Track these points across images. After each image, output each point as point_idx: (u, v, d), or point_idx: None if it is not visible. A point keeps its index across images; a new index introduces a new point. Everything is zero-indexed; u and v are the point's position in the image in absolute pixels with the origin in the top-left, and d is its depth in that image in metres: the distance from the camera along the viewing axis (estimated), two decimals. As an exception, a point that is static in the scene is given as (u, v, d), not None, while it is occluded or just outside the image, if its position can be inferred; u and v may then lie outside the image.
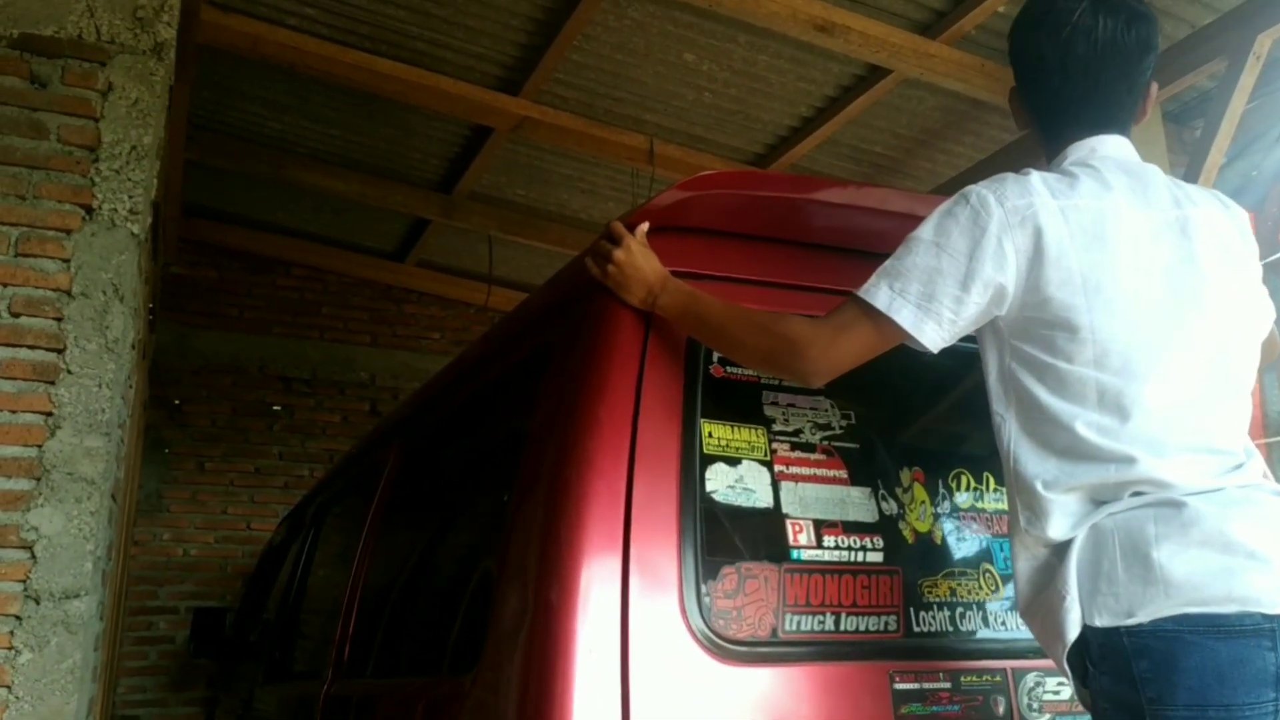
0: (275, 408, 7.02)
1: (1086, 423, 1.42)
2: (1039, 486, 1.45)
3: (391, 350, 7.39)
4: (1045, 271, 1.44)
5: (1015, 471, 1.50)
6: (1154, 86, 1.63)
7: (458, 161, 5.48)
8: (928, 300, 1.47)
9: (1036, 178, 1.51)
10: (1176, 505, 1.35)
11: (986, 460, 2.00)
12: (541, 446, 1.75)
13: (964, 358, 2.09)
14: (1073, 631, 1.37)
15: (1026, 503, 1.48)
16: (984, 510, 1.93)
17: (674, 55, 4.24)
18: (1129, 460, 1.39)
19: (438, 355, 7.38)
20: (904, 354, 2.05)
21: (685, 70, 4.35)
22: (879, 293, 1.50)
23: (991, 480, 1.96)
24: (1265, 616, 1.28)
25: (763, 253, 1.93)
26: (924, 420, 2.07)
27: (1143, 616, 1.30)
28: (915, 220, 1.58)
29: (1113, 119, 1.59)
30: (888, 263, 1.53)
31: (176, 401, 6.73)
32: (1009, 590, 1.86)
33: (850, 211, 1.92)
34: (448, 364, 2.79)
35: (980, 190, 1.50)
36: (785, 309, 1.71)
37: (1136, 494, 1.39)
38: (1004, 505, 1.95)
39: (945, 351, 2.02)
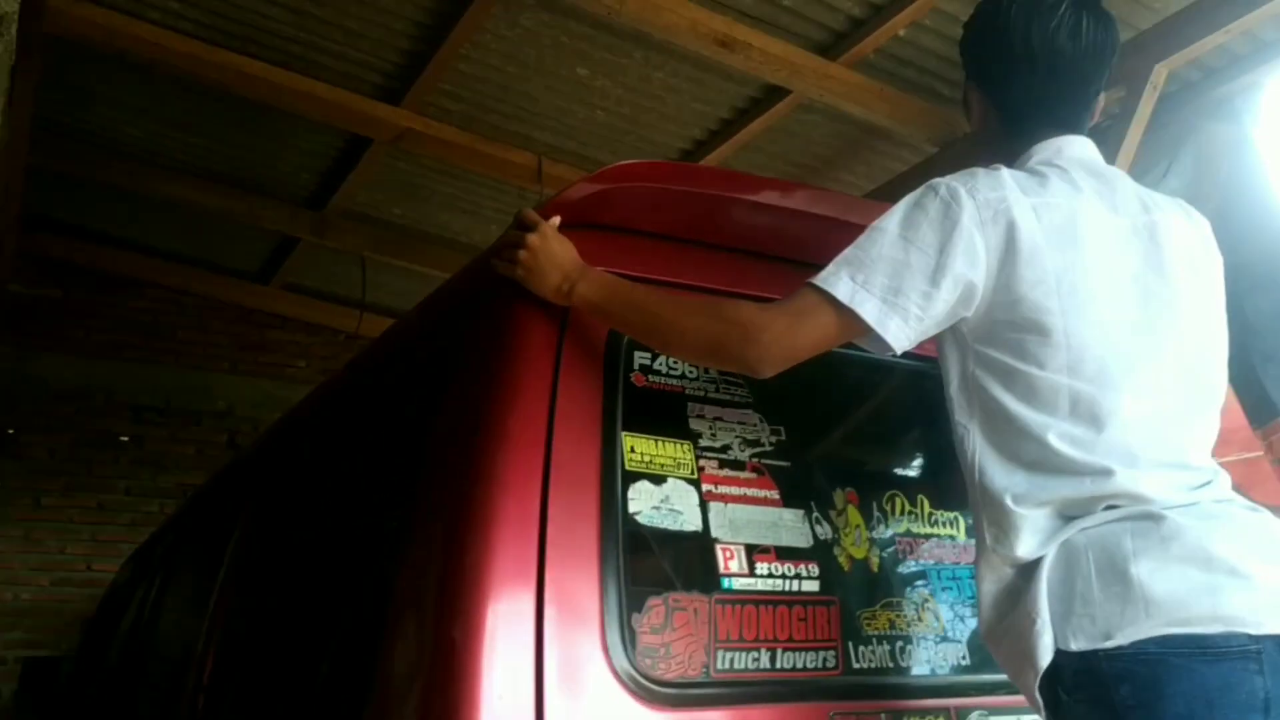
0: (123, 438, 6.54)
1: (1059, 434, 1.34)
2: (1008, 501, 1.35)
3: (252, 378, 6.98)
4: (1018, 270, 1.35)
5: (981, 486, 1.39)
6: (1102, 96, 1.60)
7: (331, 176, 5.19)
8: (894, 295, 1.35)
9: (1007, 173, 1.43)
10: (1154, 519, 1.27)
11: (922, 482, 1.88)
12: (441, 464, 1.54)
13: (894, 372, 1.96)
14: (1045, 657, 1.26)
15: (994, 519, 1.37)
16: (921, 535, 1.80)
17: (566, 69, 4.08)
18: (1105, 472, 1.31)
19: (302, 384, 6.98)
20: (831, 367, 1.91)
21: (578, 85, 4.19)
22: (839, 283, 1.37)
23: (926, 504, 1.84)
24: (1251, 637, 1.21)
25: (688, 255, 1.76)
26: (857, 439, 1.93)
27: (1122, 638, 1.21)
28: (859, 229, 1.44)
29: (1078, 121, 1.55)
30: (848, 251, 1.40)
31: (10, 430, 6.19)
32: (949, 622, 1.74)
33: (787, 214, 1.77)
34: (322, 382, 2.53)
35: (950, 183, 1.40)
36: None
37: (1110, 507, 1.31)
38: (942, 530, 1.83)
39: (877, 366, 1.89)
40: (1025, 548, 1.32)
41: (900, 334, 1.35)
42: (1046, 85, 1.51)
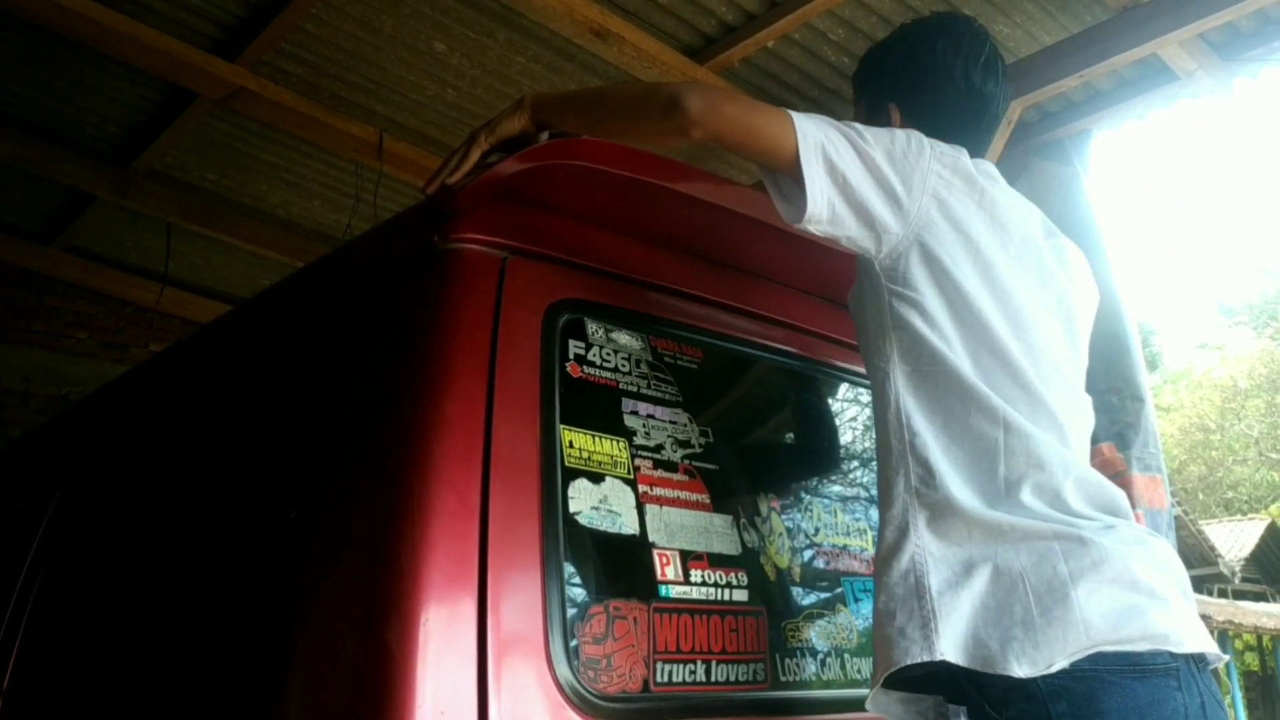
0: None
1: (977, 371, 1.37)
2: (936, 449, 1.36)
3: (24, 347, 6.28)
4: (952, 226, 1.40)
5: (911, 429, 1.38)
6: None
7: (141, 131, 4.72)
8: (833, 155, 1.36)
9: (965, 154, 1.50)
10: (1083, 542, 1.29)
11: (842, 492, 1.85)
12: (367, 449, 1.37)
13: (815, 379, 1.93)
14: (914, 657, 1.26)
15: (920, 459, 1.36)
16: (839, 547, 1.77)
17: (423, 42, 3.87)
18: (1024, 433, 1.33)
19: (82, 357, 6.39)
20: (756, 369, 1.85)
21: (432, 61, 3.99)
22: (805, 118, 1.37)
23: (840, 514, 1.81)
24: (1173, 655, 1.25)
25: (635, 248, 1.66)
26: (783, 445, 1.88)
27: (1065, 661, 1.21)
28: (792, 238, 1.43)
29: (981, 156, 1.61)
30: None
31: None
32: (866, 634, 1.71)
33: (738, 218, 1.69)
34: (176, 342, 2.25)
35: (911, 130, 1.46)
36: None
37: (1034, 516, 1.31)
38: (859, 542, 1.80)
39: (796, 374, 1.85)
40: (957, 489, 1.32)
41: (817, 186, 1.34)
42: (974, 118, 1.58)
